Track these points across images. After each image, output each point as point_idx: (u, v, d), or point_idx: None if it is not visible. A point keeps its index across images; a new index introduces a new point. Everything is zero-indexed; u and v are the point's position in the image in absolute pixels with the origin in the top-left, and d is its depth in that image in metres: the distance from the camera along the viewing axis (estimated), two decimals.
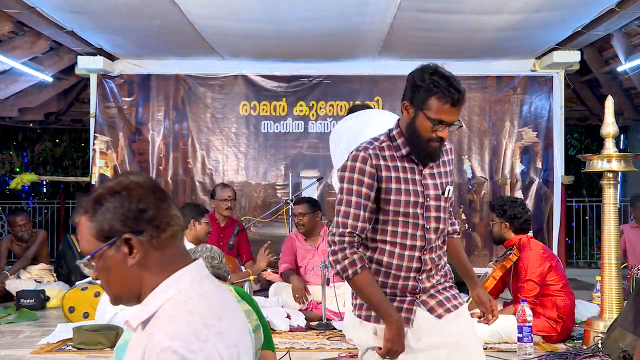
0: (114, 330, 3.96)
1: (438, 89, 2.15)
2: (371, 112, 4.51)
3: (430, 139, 2.15)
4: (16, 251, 6.25)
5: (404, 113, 2.23)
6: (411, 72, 2.30)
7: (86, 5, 5.31)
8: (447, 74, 2.18)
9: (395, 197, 2.15)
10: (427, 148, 2.17)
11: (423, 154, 2.19)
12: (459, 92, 2.15)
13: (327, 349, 3.88)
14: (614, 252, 3.84)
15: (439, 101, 2.13)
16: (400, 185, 2.16)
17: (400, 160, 2.19)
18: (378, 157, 2.18)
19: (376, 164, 2.16)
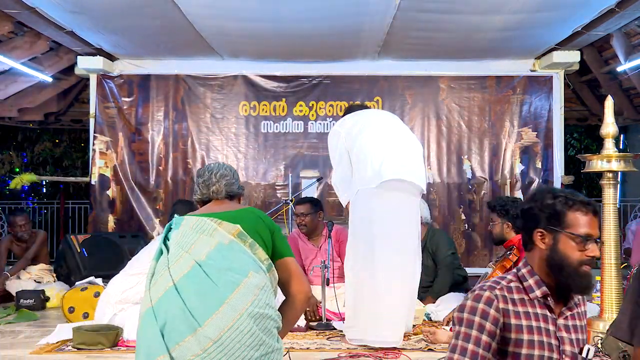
0: (114, 330, 3.96)
1: (574, 202, 1.91)
2: (370, 112, 4.53)
3: (581, 262, 1.89)
4: (16, 251, 6.25)
5: (538, 245, 1.92)
6: (525, 202, 2.03)
7: (86, 5, 5.31)
8: (565, 190, 1.98)
9: (528, 351, 1.84)
10: (579, 276, 1.89)
11: (576, 285, 1.90)
12: (592, 203, 1.94)
13: (327, 349, 3.88)
14: (614, 252, 3.84)
15: (581, 214, 1.90)
16: (534, 336, 1.85)
17: (531, 306, 1.89)
18: (506, 300, 1.88)
19: (503, 308, 1.86)
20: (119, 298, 4.21)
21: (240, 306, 2.17)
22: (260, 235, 2.44)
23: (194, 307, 2.17)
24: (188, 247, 2.32)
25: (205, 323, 2.14)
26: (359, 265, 3.92)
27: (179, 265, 2.28)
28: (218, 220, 2.38)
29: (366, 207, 3.91)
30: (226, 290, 2.19)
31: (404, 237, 3.97)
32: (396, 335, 3.85)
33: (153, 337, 2.19)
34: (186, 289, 2.21)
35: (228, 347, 2.13)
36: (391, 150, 3.96)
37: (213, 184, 2.63)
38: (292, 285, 2.48)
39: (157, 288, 2.28)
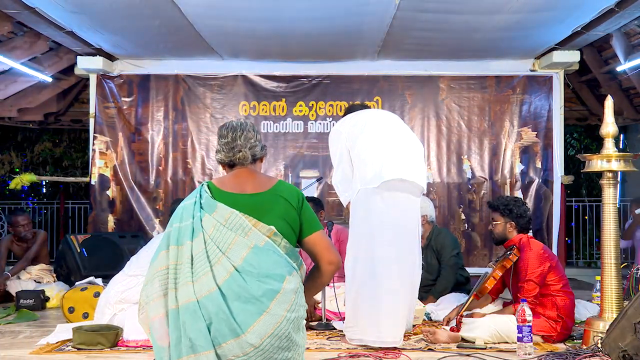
0: (114, 330, 3.96)
1: None
2: (371, 112, 4.52)
3: None
4: (16, 251, 6.25)
5: None
6: None
7: (86, 5, 5.31)
8: None
9: None
10: None
11: None
12: None
13: (327, 349, 3.88)
14: (613, 251, 3.84)
15: None
16: None
17: None
18: None
19: None
20: (119, 298, 4.21)
21: (280, 314, 2.35)
22: (290, 224, 2.53)
23: (236, 313, 2.32)
24: (225, 248, 2.41)
25: (247, 330, 2.30)
26: (359, 265, 3.91)
27: (219, 268, 2.38)
28: (253, 220, 2.45)
29: (367, 206, 3.91)
30: (266, 299, 2.34)
31: (404, 236, 3.97)
32: (396, 335, 3.85)
33: (199, 331, 2.31)
34: (229, 295, 2.34)
35: (267, 351, 2.32)
36: (392, 150, 3.96)
37: (239, 149, 2.61)
38: (323, 258, 2.61)
39: (201, 285, 2.36)
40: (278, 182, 2.61)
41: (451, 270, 5.11)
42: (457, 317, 4.18)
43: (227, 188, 2.56)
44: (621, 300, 3.82)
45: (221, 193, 2.53)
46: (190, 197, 2.55)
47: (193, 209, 2.48)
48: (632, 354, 3.28)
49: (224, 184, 2.58)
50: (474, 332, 3.97)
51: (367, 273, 3.88)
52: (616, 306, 3.79)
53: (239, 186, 2.57)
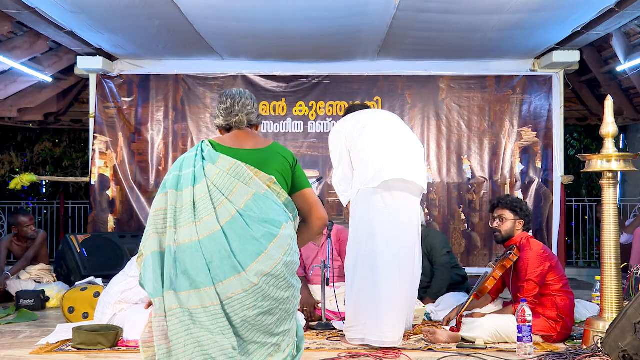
0: (114, 330, 3.96)
1: None
2: (371, 112, 4.52)
3: None
4: (16, 251, 6.25)
5: None
6: None
7: (86, 6, 5.31)
8: None
9: None
10: None
11: None
12: None
13: (327, 349, 3.88)
14: (613, 251, 3.84)
15: None
16: None
17: None
18: None
19: None
20: (119, 298, 4.21)
21: (277, 256, 2.51)
22: (285, 178, 2.72)
23: (237, 252, 2.47)
24: (228, 193, 2.55)
25: (247, 268, 2.46)
26: (360, 265, 3.92)
27: (222, 210, 2.52)
28: (255, 170, 2.61)
29: (367, 206, 3.91)
30: (265, 241, 2.50)
31: (405, 236, 3.97)
32: (397, 335, 3.85)
33: (200, 269, 2.45)
34: (230, 235, 2.48)
35: (265, 289, 2.48)
36: (392, 150, 3.96)
37: (236, 114, 2.81)
38: (312, 214, 2.79)
39: (205, 226, 2.49)
40: (274, 142, 2.82)
41: (445, 270, 5.09)
42: (457, 317, 4.18)
43: (227, 144, 2.72)
44: (621, 300, 3.82)
45: (222, 147, 2.69)
46: (191, 151, 2.69)
47: (194, 159, 2.62)
48: (632, 354, 3.28)
49: (223, 141, 2.74)
50: (474, 332, 3.97)
51: (367, 273, 3.88)
52: (616, 306, 3.79)
53: (238, 143, 2.74)
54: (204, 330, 2.41)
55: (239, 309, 2.46)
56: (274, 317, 2.53)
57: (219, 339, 2.41)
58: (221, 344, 2.41)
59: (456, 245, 7.05)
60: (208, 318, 2.42)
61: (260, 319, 2.49)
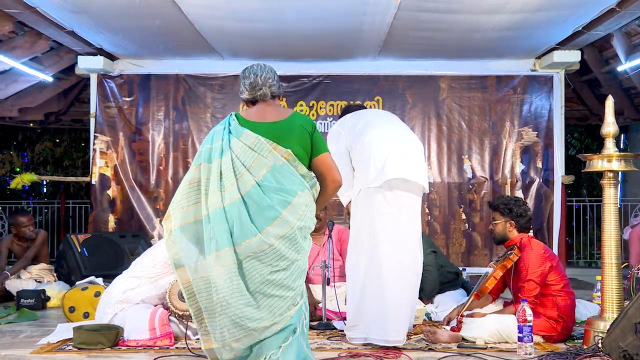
0: (114, 330, 3.97)
1: None
2: (370, 112, 4.52)
3: None
4: (16, 251, 6.25)
5: None
6: None
7: (86, 5, 5.31)
8: None
9: None
10: None
11: None
12: None
13: (327, 349, 3.88)
14: (614, 251, 3.84)
15: None
16: None
17: None
18: None
19: None
20: (120, 298, 4.21)
21: (291, 220, 2.82)
22: (304, 147, 2.99)
23: (255, 218, 2.79)
24: (248, 165, 2.86)
25: (263, 232, 2.77)
26: (362, 264, 3.91)
27: (243, 181, 2.83)
28: (273, 144, 2.90)
29: (369, 206, 3.91)
30: (280, 207, 2.81)
31: (407, 235, 3.97)
32: (401, 334, 3.86)
33: (222, 232, 2.77)
34: (250, 203, 2.80)
35: (280, 250, 2.79)
36: (394, 149, 3.96)
37: (260, 87, 3.09)
38: (326, 178, 3.06)
39: (228, 194, 2.81)
40: (294, 113, 3.09)
41: (432, 270, 5.04)
42: (457, 317, 4.18)
43: (251, 118, 3.02)
44: (622, 300, 3.82)
45: (246, 122, 2.99)
46: (220, 125, 3.01)
47: (222, 133, 2.94)
48: (632, 354, 3.28)
49: (249, 115, 3.05)
50: (474, 332, 3.97)
51: (370, 272, 3.88)
52: (617, 306, 3.79)
53: (261, 116, 3.03)
54: (224, 290, 2.73)
55: (258, 266, 2.77)
56: (287, 272, 2.83)
57: (235, 300, 2.72)
58: (235, 305, 2.72)
59: (457, 245, 7.05)
60: (226, 277, 2.73)
61: (276, 275, 2.79)
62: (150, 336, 3.96)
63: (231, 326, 2.74)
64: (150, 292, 4.22)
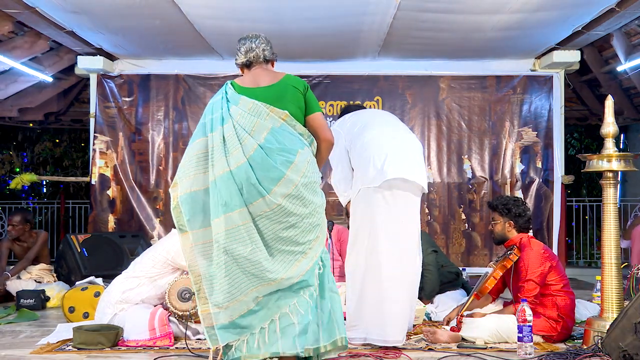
0: (114, 330, 3.96)
1: None
2: (369, 112, 4.52)
3: None
4: (17, 251, 6.25)
5: None
6: None
7: (86, 5, 5.31)
8: None
9: None
10: None
11: None
12: None
13: None
14: (614, 251, 3.84)
15: None
16: None
17: None
18: None
19: None
20: (120, 298, 4.21)
21: (295, 179, 2.99)
22: (298, 106, 3.15)
23: (261, 179, 2.95)
24: (249, 129, 3.03)
25: (271, 191, 2.95)
26: (361, 264, 3.91)
27: (246, 145, 3.00)
28: (270, 107, 3.07)
29: (369, 205, 3.91)
30: (283, 168, 2.98)
31: (406, 235, 3.97)
32: (400, 334, 3.86)
33: (233, 193, 2.95)
34: (254, 165, 2.96)
35: (288, 207, 2.97)
36: (393, 149, 3.96)
37: (253, 50, 3.30)
38: (319, 135, 3.21)
39: (234, 159, 2.97)
40: (286, 75, 3.24)
41: (432, 269, 5.04)
42: (457, 317, 4.18)
43: (246, 84, 3.21)
44: (621, 300, 3.82)
45: (242, 88, 3.18)
46: (218, 94, 3.19)
47: (221, 102, 3.12)
48: (632, 354, 3.28)
49: (243, 82, 3.23)
50: (474, 332, 3.97)
51: (370, 272, 3.88)
52: (616, 306, 3.79)
53: (255, 82, 3.22)
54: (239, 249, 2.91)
55: (269, 224, 2.97)
56: (298, 229, 3.00)
57: (254, 256, 2.91)
58: (254, 260, 2.91)
59: (456, 245, 7.05)
60: (242, 236, 2.92)
61: (286, 232, 2.98)
62: (150, 336, 3.96)
63: (247, 279, 2.92)
64: (150, 292, 4.23)
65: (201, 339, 4.05)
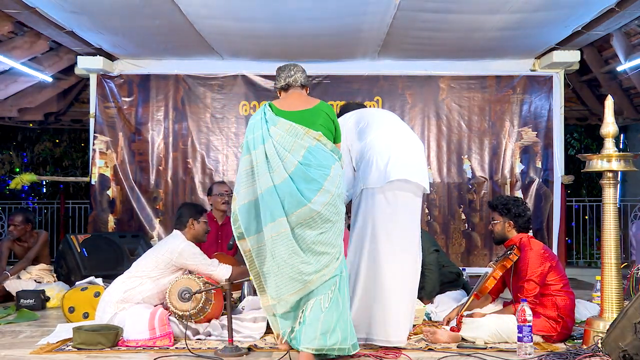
0: (114, 330, 3.96)
1: None
2: (371, 112, 4.52)
3: None
4: (17, 252, 6.25)
5: None
6: None
7: (86, 6, 5.31)
8: None
9: None
10: None
11: None
12: None
13: None
14: (614, 251, 3.84)
15: None
16: None
17: None
18: None
19: None
20: (121, 297, 4.21)
21: (331, 190, 3.48)
22: (329, 130, 3.64)
23: (302, 191, 3.44)
24: (289, 149, 3.50)
25: (312, 201, 3.43)
26: (363, 265, 3.91)
27: (287, 162, 3.48)
28: (305, 129, 3.53)
29: (370, 206, 3.91)
30: (322, 180, 3.47)
31: (407, 236, 3.97)
32: (403, 334, 3.86)
33: (275, 204, 3.43)
34: (296, 179, 3.45)
35: (325, 215, 3.46)
36: (396, 150, 3.96)
37: (291, 75, 3.74)
38: None
39: (277, 175, 3.46)
40: (320, 102, 3.70)
41: (433, 269, 5.03)
42: (457, 317, 4.17)
43: (283, 107, 3.64)
44: (621, 300, 3.82)
45: (279, 111, 3.62)
46: (257, 115, 3.63)
47: (260, 123, 3.57)
48: (632, 354, 3.28)
49: (281, 105, 3.67)
50: (474, 332, 3.97)
51: (371, 272, 3.88)
52: (616, 306, 3.79)
53: (292, 105, 3.65)
54: (281, 253, 3.41)
55: (307, 231, 3.44)
56: (332, 233, 3.49)
57: (291, 260, 3.40)
58: (292, 263, 3.40)
59: (456, 245, 7.05)
60: (282, 242, 3.41)
61: (322, 236, 3.45)
62: (150, 336, 3.96)
63: (288, 282, 3.42)
64: (152, 290, 4.23)
65: (201, 339, 4.05)
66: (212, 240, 5.72)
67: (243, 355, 3.68)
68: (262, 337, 4.10)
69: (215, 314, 4.28)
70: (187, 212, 4.50)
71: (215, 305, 4.19)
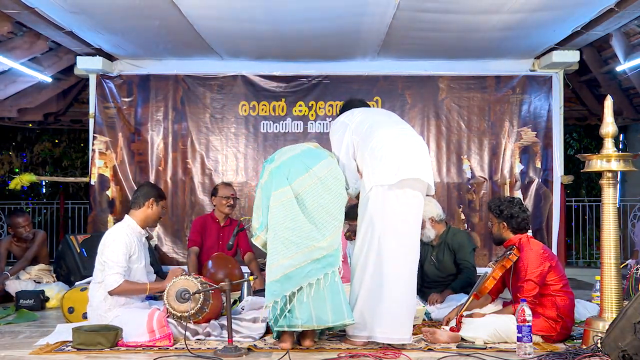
0: (114, 330, 3.96)
1: None
2: (376, 111, 4.54)
3: None
4: (16, 252, 6.25)
5: None
6: None
7: (85, 6, 5.31)
8: None
9: None
10: None
11: None
12: None
13: (327, 349, 3.88)
14: (613, 251, 3.84)
15: None
16: None
17: None
18: None
19: None
20: (107, 306, 4.18)
21: (332, 165, 4.02)
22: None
23: (307, 160, 3.96)
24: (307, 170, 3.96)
25: (314, 168, 3.90)
26: (370, 263, 3.90)
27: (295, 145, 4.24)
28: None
29: (381, 204, 3.90)
30: (324, 154, 4.08)
31: (412, 235, 3.99)
32: (406, 333, 3.86)
33: (282, 178, 3.89)
34: (303, 154, 4.05)
35: (327, 183, 3.91)
36: (407, 149, 3.98)
37: None
38: None
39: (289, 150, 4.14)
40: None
41: (473, 270, 5.14)
42: (457, 317, 4.18)
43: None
44: (621, 300, 3.82)
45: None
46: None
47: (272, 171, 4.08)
48: (631, 354, 3.28)
49: None
50: (473, 332, 3.98)
51: (377, 271, 3.87)
52: (616, 306, 3.79)
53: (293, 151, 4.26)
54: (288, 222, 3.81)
55: (313, 196, 3.84)
56: (334, 205, 3.88)
57: (298, 224, 3.79)
58: (299, 226, 3.79)
59: None
60: (286, 208, 3.81)
61: (327, 206, 3.85)
62: (150, 338, 3.95)
63: (286, 249, 3.77)
64: (136, 274, 4.25)
65: (201, 339, 4.05)
66: (213, 241, 5.72)
67: (242, 356, 3.68)
68: (261, 338, 4.10)
69: (214, 314, 4.27)
70: (150, 191, 4.41)
71: (213, 305, 4.19)
